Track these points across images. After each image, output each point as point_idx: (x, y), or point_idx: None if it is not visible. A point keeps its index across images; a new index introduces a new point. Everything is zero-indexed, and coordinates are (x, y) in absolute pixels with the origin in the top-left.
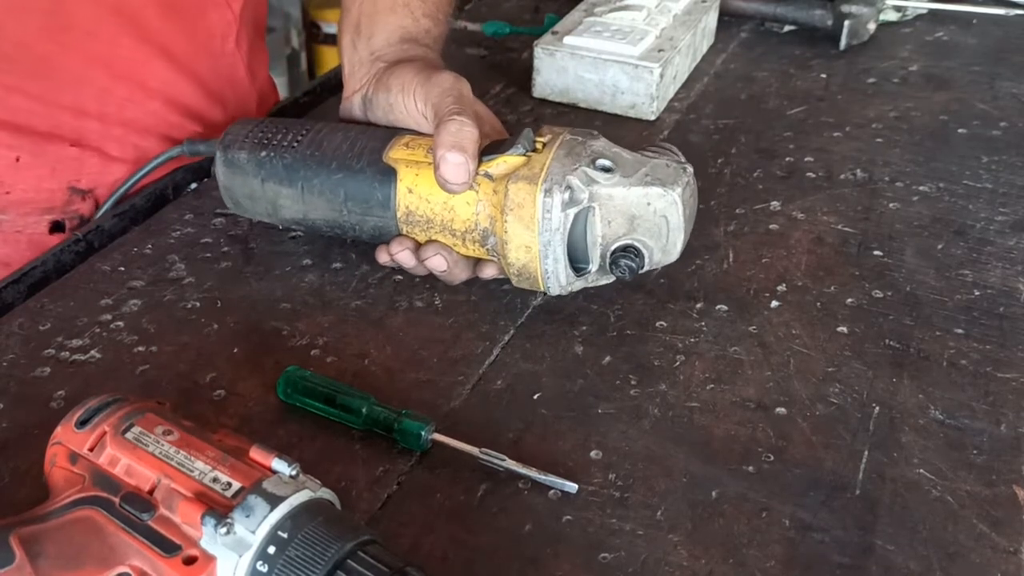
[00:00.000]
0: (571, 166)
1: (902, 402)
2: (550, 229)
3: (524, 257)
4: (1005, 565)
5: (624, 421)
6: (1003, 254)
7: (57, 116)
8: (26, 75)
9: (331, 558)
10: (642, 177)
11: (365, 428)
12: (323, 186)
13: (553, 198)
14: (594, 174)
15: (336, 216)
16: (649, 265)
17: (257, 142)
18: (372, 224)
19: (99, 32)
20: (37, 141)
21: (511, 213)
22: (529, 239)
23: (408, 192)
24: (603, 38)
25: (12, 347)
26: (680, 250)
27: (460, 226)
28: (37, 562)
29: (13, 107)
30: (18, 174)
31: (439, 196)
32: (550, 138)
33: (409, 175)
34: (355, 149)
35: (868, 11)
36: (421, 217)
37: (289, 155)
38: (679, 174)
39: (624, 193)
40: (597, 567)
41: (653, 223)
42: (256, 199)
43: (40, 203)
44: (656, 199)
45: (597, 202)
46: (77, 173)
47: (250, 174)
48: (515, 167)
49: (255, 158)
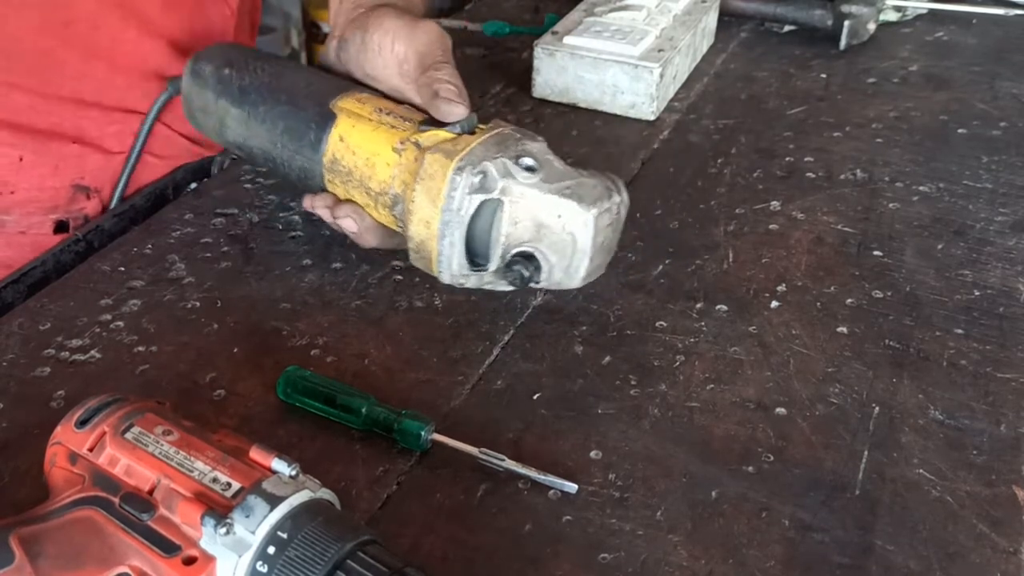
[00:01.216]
0: (494, 154)
1: (902, 402)
2: (452, 208)
3: (423, 232)
4: (1005, 565)
5: (624, 421)
6: (1003, 254)
7: (58, 111)
8: (27, 71)
9: (331, 558)
10: (562, 188)
11: (365, 428)
12: (267, 115)
13: (463, 177)
14: (514, 168)
15: (270, 148)
16: (547, 281)
17: (226, 60)
18: (299, 164)
19: (101, 25)
20: (39, 139)
21: (420, 183)
22: (431, 214)
23: (339, 140)
24: (603, 38)
25: (12, 347)
26: (583, 277)
27: (375, 186)
28: (37, 562)
29: (14, 106)
30: (21, 174)
31: (365, 151)
32: (491, 126)
33: (346, 124)
34: (309, 88)
35: (868, 11)
36: (343, 168)
37: (248, 77)
38: (603, 197)
39: (537, 196)
40: (597, 567)
41: (560, 238)
42: (208, 113)
43: (44, 202)
44: (568, 213)
45: (508, 197)
46: (80, 170)
47: (208, 87)
48: (443, 140)
49: (218, 73)
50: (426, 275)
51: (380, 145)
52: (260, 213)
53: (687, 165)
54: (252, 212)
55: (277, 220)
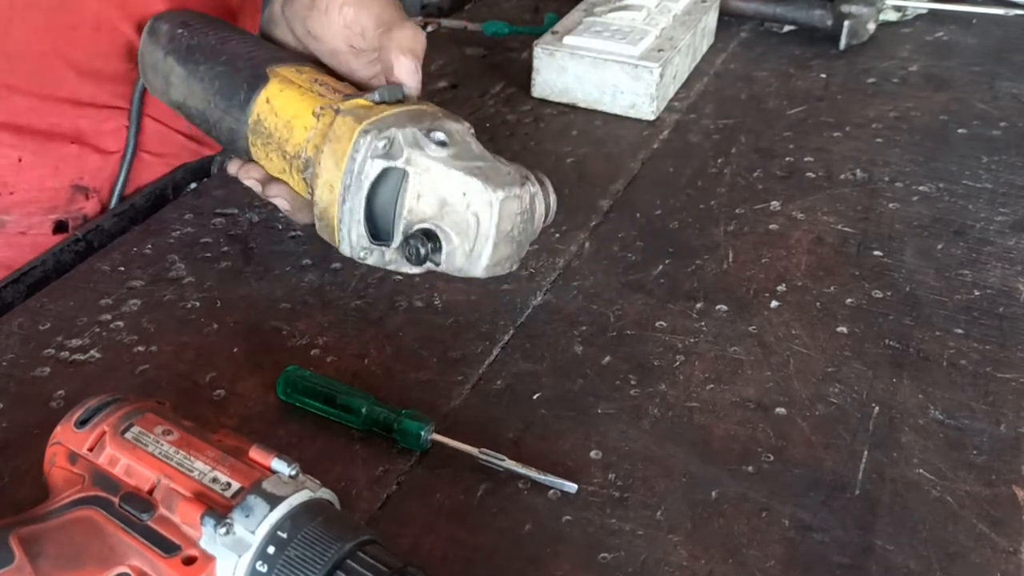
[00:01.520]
0: (404, 123)
1: (902, 402)
2: (353, 171)
3: (327, 197)
4: (1005, 565)
5: (624, 421)
6: (1003, 254)
7: (57, 112)
8: (28, 74)
9: (331, 558)
10: (471, 167)
11: (365, 428)
12: (206, 73)
13: (367, 140)
14: (423, 140)
15: (205, 108)
16: (448, 264)
17: (182, 21)
18: (227, 125)
19: (103, 26)
20: (38, 140)
21: (328, 145)
22: (334, 177)
23: (266, 102)
24: (603, 38)
25: (12, 347)
26: (486, 265)
27: (291, 149)
28: (37, 562)
29: (14, 108)
30: (21, 174)
31: (286, 114)
32: (417, 103)
33: (275, 88)
34: (251, 53)
35: (868, 11)
36: (265, 129)
37: (197, 38)
38: (514, 183)
39: (443, 172)
40: (597, 567)
41: (463, 218)
42: (157, 71)
43: (43, 203)
44: (473, 193)
45: (413, 168)
46: (79, 171)
47: (160, 46)
48: (358, 107)
49: (171, 32)
50: (426, 275)
51: (301, 109)
52: (260, 213)
53: (687, 165)
54: (252, 212)
55: (277, 220)
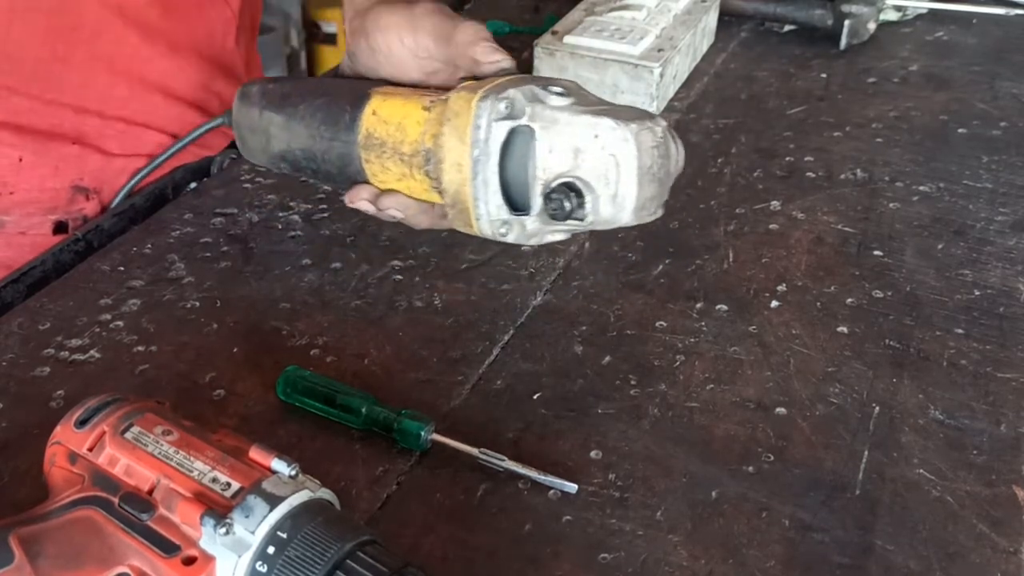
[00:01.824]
0: (519, 84)
1: (902, 402)
2: (480, 140)
3: (456, 179)
4: (1005, 565)
5: (624, 421)
6: (1003, 254)
7: (58, 114)
8: (29, 76)
9: (331, 558)
10: (596, 109)
11: (365, 428)
12: (306, 111)
13: (488, 104)
14: (542, 93)
15: (311, 144)
16: (594, 215)
17: (273, 80)
18: (337, 152)
19: (104, 31)
20: (39, 140)
21: (448, 123)
22: (461, 153)
23: (372, 114)
24: (603, 37)
25: (12, 347)
26: (633, 207)
27: (407, 148)
28: (36, 562)
29: (15, 108)
30: (21, 174)
31: (395, 117)
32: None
33: (378, 100)
34: (348, 86)
35: (868, 11)
36: (377, 140)
37: (289, 86)
38: (643, 116)
39: (570, 119)
40: (597, 567)
41: (600, 161)
42: (255, 131)
43: (44, 203)
44: (605, 132)
45: (539, 123)
46: (79, 171)
47: (255, 104)
48: (468, 84)
49: (263, 89)
50: (426, 274)
51: (410, 109)
52: (259, 213)
53: (687, 165)
54: (252, 212)
55: (277, 220)
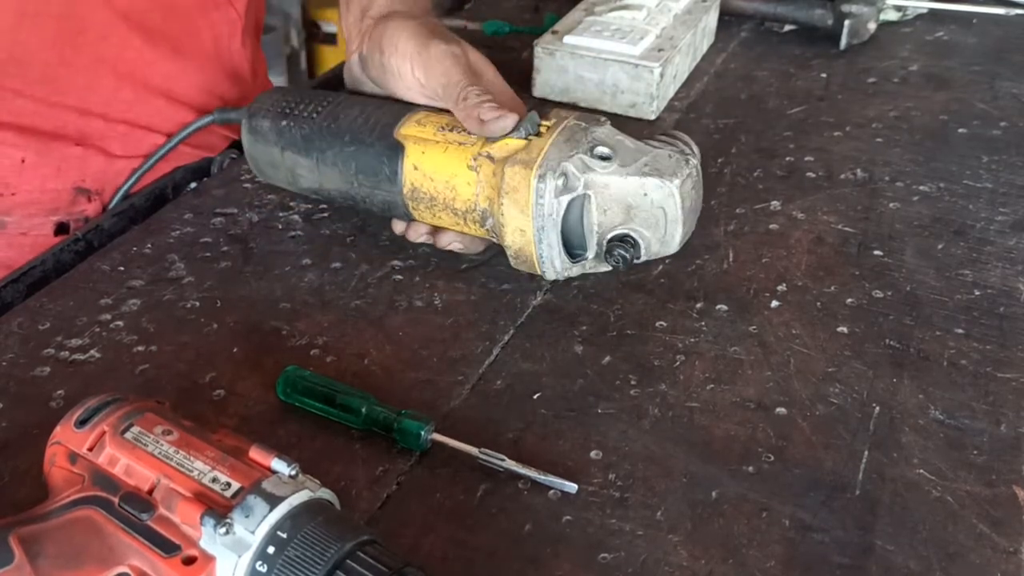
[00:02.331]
0: (568, 152)
1: (902, 402)
2: (543, 215)
3: (520, 240)
4: (1005, 565)
5: (624, 421)
6: (1003, 254)
7: (62, 116)
8: (35, 80)
9: (331, 558)
10: (640, 167)
11: (365, 428)
12: (336, 158)
13: (547, 184)
14: (591, 162)
15: (348, 188)
16: (646, 255)
17: (280, 111)
18: (381, 199)
19: (110, 35)
20: (43, 141)
21: (507, 196)
22: (524, 223)
23: (414, 169)
24: (603, 37)
25: (11, 347)
26: (680, 241)
27: (461, 205)
28: (36, 562)
29: (19, 110)
30: (23, 175)
31: (442, 175)
32: (554, 122)
33: (416, 152)
34: (368, 123)
35: (868, 11)
36: (425, 194)
37: (307, 126)
38: (680, 165)
39: (620, 183)
40: (597, 567)
41: (650, 213)
42: (277, 167)
43: (45, 204)
44: (653, 190)
45: (592, 190)
46: (82, 173)
47: (271, 143)
48: (515, 150)
49: (276, 127)
50: (426, 275)
51: (455, 166)
52: (260, 213)
53: None
54: (252, 212)
55: (277, 220)
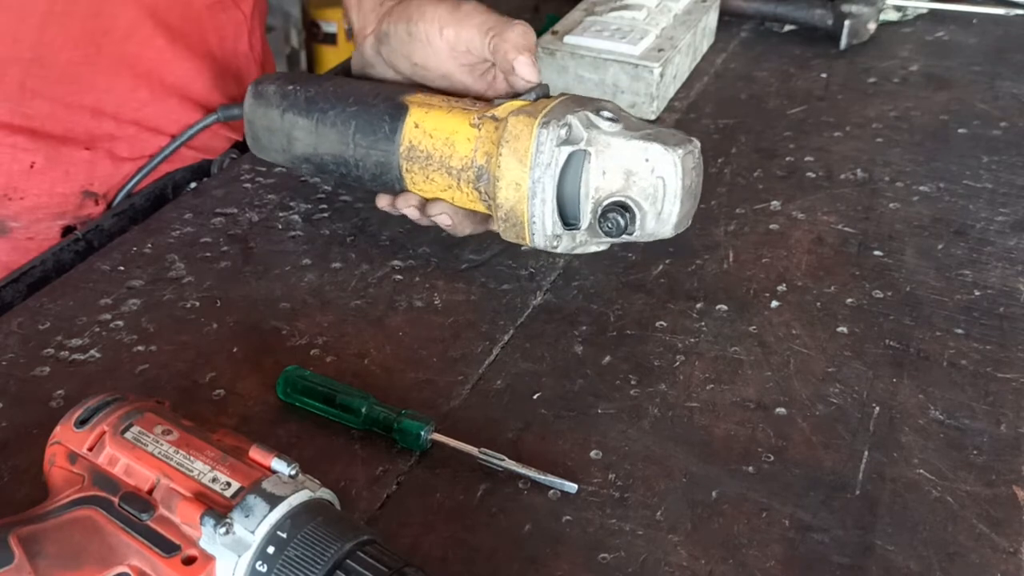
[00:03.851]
0: (574, 108)
1: (902, 402)
2: (542, 164)
3: (513, 196)
4: (1005, 565)
5: (624, 421)
6: (1003, 254)
7: (75, 118)
8: (56, 79)
9: (330, 558)
10: (644, 134)
11: (364, 428)
12: (336, 117)
13: (549, 131)
14: (596, 119)
15: (343, 150)
16: (640, 230)
17: (287, 79)
18: (375, 160)
19: (135, 34)
20: (53, 145)
21: (506, 145)
22: (520, 174)
23: (415, 126)
24: (603, 37)
25: (11, 346)
26: (675, 223)
27: (457, 163)
28: (36, 562)
29: (35, 112)
30: (32, 180)
31: (443, 132)
32: (560, 94)
33: (419, 112)
34: (376, 90)
35: (868, 11)
36: (422, 152)
37: (313, 88)
38: (683, 140)
39: (623, 144)
40: (597, 567)
41: (649, 183)
42: (274, 131)
43: (53, 208)
44: (655, 157)
45: (594, 147)
46: (90, 176)
47: (273, 105)
48: (521, 107)
49: (282, 90)
50: (426, 275)
51: (457, 123)
52: (259, 212)
53: None
54: (252, 212)
55: (276, 220)
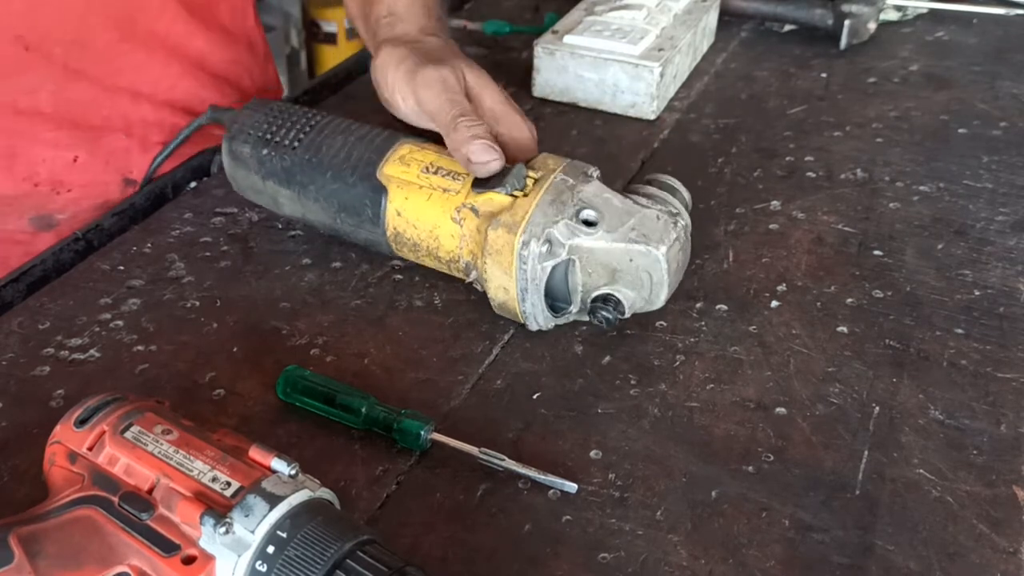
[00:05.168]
0: (554, 217)
1: (902, 402)
2: (526, 278)
3: (503, 296)
4: (1005, 565)
5: (624, 421)
6: (1003, 254)
7: (114, 102)
8: (96, 60)
9: (330, 558)
10: (627, 232)
11: (365, 428)
12: (318, 193)
13: (530, 249)
14: (576, 227)
15: (331, 223)
16: (630, 312)
17: (260, 137)
18: (364, 236)
19: (165, 12)
20: (92, 137)
21: (490, 257)
22: (507, 283)
23: (397, 215)
24: (603, 37)
25: (11, 346)
26: (665, 299)
27: (444, 255)
28: (36, 561)
29: (77, 97)
30: (75, 172)
31: (425, 223)
32: (541, 176)
33: (399, 197)
34: (351, 159)
35: (868, 10)
36: (408, 239)
37: (288, 157)
38: (667, 229)
39: (606, 248)
40: (597, 567)
41: (635, 277)
42: (259, 192)
43: (97, 198)
44: (639, 257)
45: (577, 255)
46: (128, 164)
47: (252, 170)
48: (500, 207)
49: (257, 155)
50: (426, 274)
51: (438, 216)
52: (260, 212)
53: (687, 165)
54: (252, 211)
55: (277, 219)
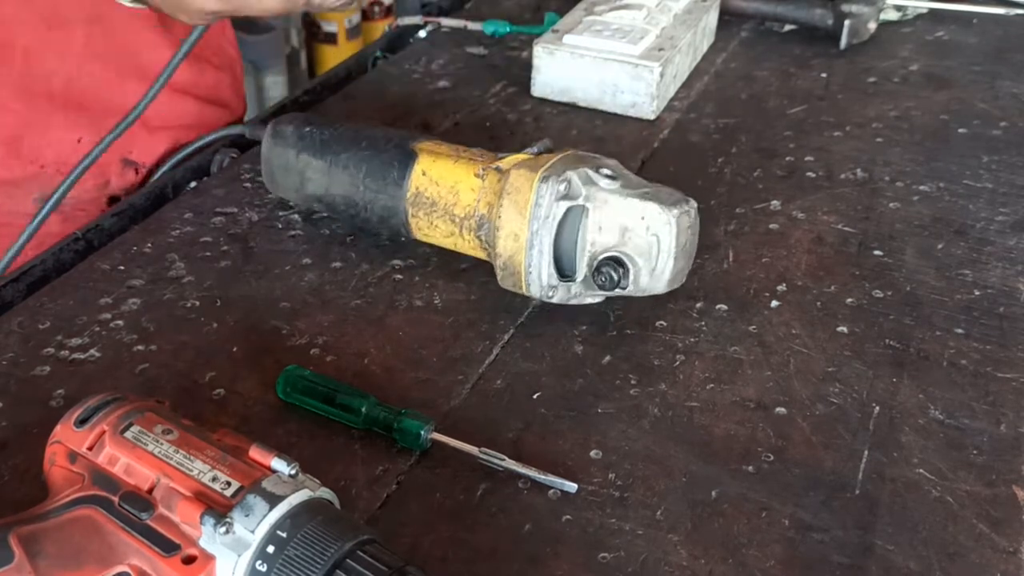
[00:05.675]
0: (574, 165)
1: (902, 402)
2: (540, 216)
3: (512, 247)
4: (1005, 565)
5: (624, 421)
6: (1003, 254)
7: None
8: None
9: (330, 557)
10: (642, 192)
11: (365, 427)
12: (349, 160)
13: (549, 185)
14: (595, 176)
15: (352, 192)
16: (633, 285)
17: (305, 120)
18: (382, 203)
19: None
20: (96, 118)
21: (507, 197)
22: (519, 225)
23: (422, 174)
24: (603, 37)
25: (12, 346)
26: (669, 279)
27: (460, 211)
28: (36, 561)
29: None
30: (79, 153)
31: (448, 180)
32: (564, 150)
33: (427, 159)
34: (388, 135)
35: (869, 10)
36: (427, 199)
37: (328, 132)
38: (680, 201)
39: (620, 202)
40: (597, 567)
41: (644, 240)
42: (289, 171)
43: (98, 178)
44: (651, 215)
45: (592, 203)
46: (128, 144)
47: (290, 145)
48: (523, 160)
49: (299, 132)
50: (426, 274)
51: (462, 174)
52: (260, 212)
53: (687, 164)
54: (252, 211)
55: (276, 219)
